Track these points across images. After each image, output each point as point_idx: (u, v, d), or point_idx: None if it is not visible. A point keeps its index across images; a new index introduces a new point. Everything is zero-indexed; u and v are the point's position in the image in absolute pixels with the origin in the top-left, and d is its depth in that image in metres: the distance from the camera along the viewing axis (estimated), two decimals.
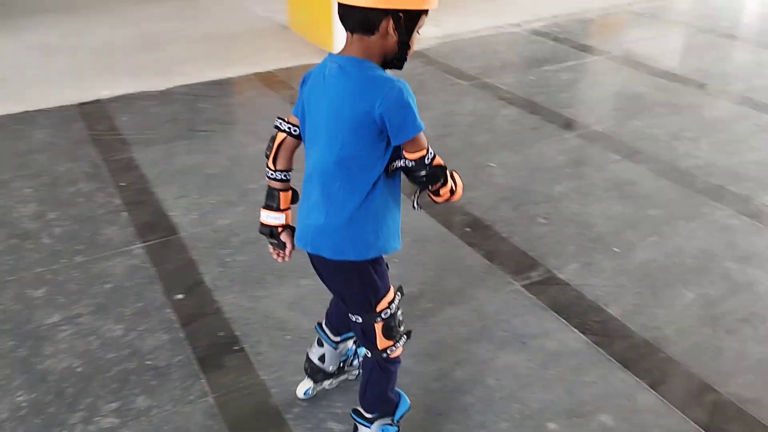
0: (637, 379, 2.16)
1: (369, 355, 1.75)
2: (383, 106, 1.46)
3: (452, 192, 1.63)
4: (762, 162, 3.57)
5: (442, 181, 1.58)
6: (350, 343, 2.07)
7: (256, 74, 4.96)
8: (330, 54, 1.57)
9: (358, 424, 1.83)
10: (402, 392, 1.88)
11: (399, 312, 1.72)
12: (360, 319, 1.69)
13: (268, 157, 1.71)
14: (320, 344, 2.02)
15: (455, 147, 3.81)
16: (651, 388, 2.13)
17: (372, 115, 1.47)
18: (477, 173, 3.49)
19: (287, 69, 5.03)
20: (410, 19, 1.51)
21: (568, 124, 4.09)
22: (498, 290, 2.60)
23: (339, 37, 5.23)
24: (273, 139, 1.70)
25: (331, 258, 1.61)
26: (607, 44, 5.59)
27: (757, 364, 2.23)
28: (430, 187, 1.59)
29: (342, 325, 1.95)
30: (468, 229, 3.03)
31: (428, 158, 1.54)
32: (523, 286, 2.62)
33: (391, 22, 1.48)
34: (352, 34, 1.51)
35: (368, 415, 1.81)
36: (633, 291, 2.59)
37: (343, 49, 1.55)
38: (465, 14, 6.30)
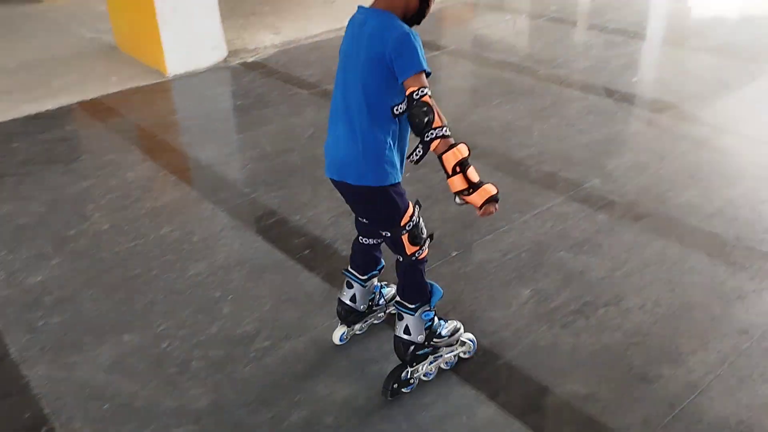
0: (477, 391, 2.12)
1: (401, 259, 2.01)
2: (390, 46, 1.69)
3: (471, 180, 1.70)
4: (590, 144, 3.70)
5: (436, 130, 1.68)
6: (375, 281, 2.29)
7: (80, 103, 4.58)
8: (359, 6, 1.83)
9: (402, 313, 2.05)
10: (434, 283, 2.08)
11: (420, 221, 1.96)
12: (389, 234, 1.96)
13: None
14: (350, 286, 2.24)
15: (296, 162, 3.67)
16: (490, 399, 2.09)
17: (384, 57, 1.70)
18: (317, 188, 3.36)
19: (115, 94, 4.68)
20: None
21: None
22: (335, 315, 2.49)
23: (170, 55, 5.00)
24: None
25: (356, 183, 1.86)
26: (446, 38, 5.65)
27: (590, 357, 2.25)
28: (424, 135, 1.69)
29: (367, 264, 2.21)
30: (307, 252, 2.90)
31: (417, 94, 1.69)
32: None
33: None
34: None
35: (411, 306, 2.04)
36: (471, 296, 2.56)
37: (372, 3, 1.80)
38: (304, 19, 6.17)
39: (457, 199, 1.75)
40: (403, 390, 2.10)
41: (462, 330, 2.19)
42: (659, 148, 3.63)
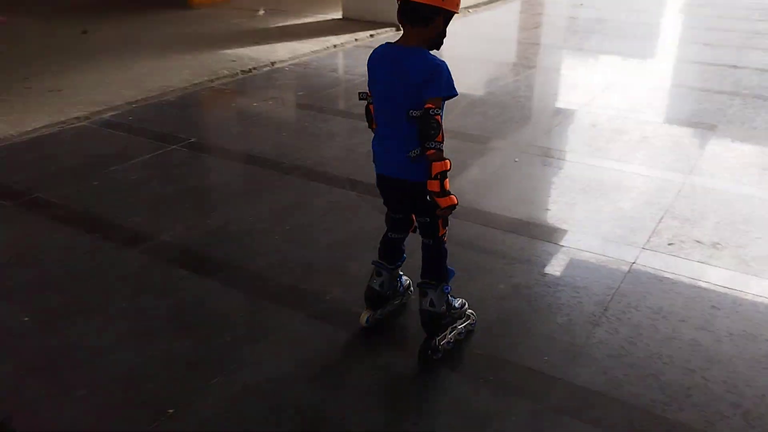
0: None
1: (431, 242, 2.54)
2: (428, 73, 2.23)
3: (444, 188, 2.26)
4: (332, 246, 3.49)
5: (436, 143, 2.22)
6: (399, 271, 2.79)
7: None
8: (388, 44, 2.36)
9: (427, 290, 2.54)
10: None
11: None
12: (429, 219, 2.48)
13: (369, 124, 2.54)
14: (379, 274, 2.71)
15: None
16: None
17: (421, 82, 2.23)
18: None
19: None
20: (449, 18, 2.27)
21: (132, 238, 3.54)
22: None
23: None
24: (367, 109, 2.49)
25: (416, 180, 2.33)
26: (187, 130, 5.23)
27: None
28: (426, 144, 2.23)
29: (395, 255, 2.72)
30: None
31: (433, 111, 2.21)
32: None
33: (442, 18, 2.25)
34: (411, 26, 2.25)
35: (434, 282, 2.54)
36: None
37: (402, 39, 2.32)
38: (22, 114, 5.36)
39: (428, 198, 2.30)
40: (434, 357, 2.58)
41: (467, 305, 2.77)
42: None
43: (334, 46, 8.22)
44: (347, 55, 7.91)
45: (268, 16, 9.89)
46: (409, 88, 2.25)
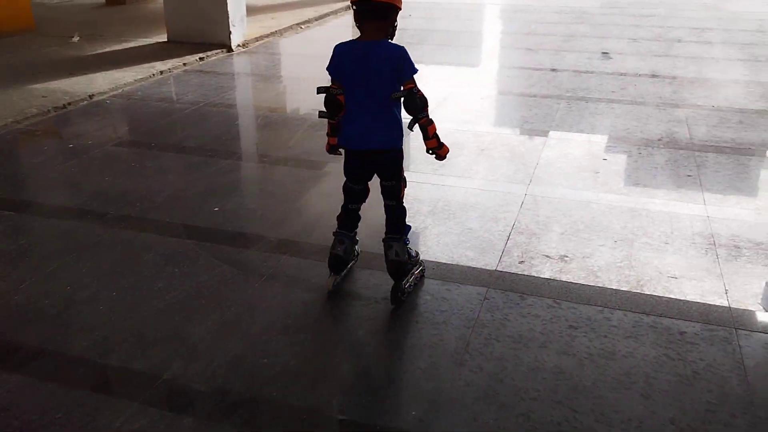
0: None
1: (394, 203, 3.08)
2: (399, 61, 2.78)
3: (439, 141, 2.94)
4: (169, 308, 3.09)
5: (425, 112, 2.85)
6: (355, 236, 3.25)
7: None
8: (352, 41, 2.86)
9: (392, 243, 3.06)
10: None
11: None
12: (393, 182, 3.03)
13: (332, 115, 2.94)
14: (342, 242, 3.13)
15: None
16: None
17: (395, 67, 2.78)
18: None
19: None
20: (398, 12, 2.84)
21: None
22: None
23: None
24: (334, 102, 2.88)
25: (391, 147, 2.95)
26: None
27: None
28: (418, 116, 2.84)
29: (353, 224, 3.20)
30: None
31: (415, 89, 2.81)
32: None
33: (395, 13, 2.82)
34: (373, 22, 2.79)
35: (398, 236, 3.08)
36: None
37: (365, 36, 2.84)
38: None
39: (429, 152, 2.94)
40: (402, 298, 3.07)
41: (419, 254, 3.35)
42: (247, 301, 3.21)
43: (161, 72, 7.66)
44: (176, 81, 7.39)
45: (84, 43, 9.04)
46: (386, 75, 2.79)
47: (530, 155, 5.04)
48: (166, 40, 9.22)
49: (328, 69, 2.89)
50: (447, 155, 2.97)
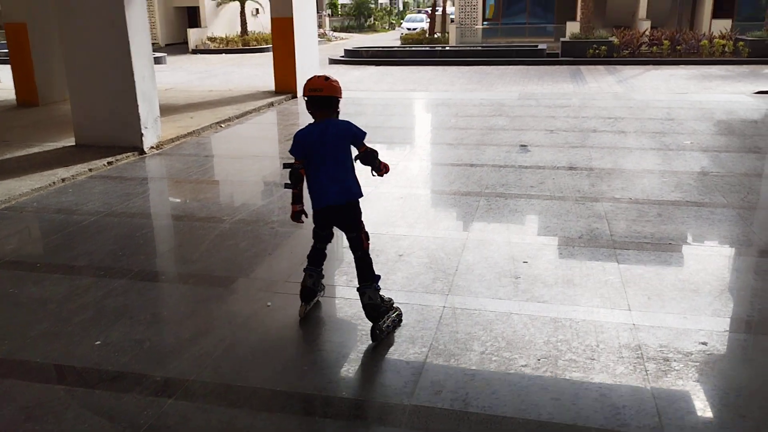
0: None
1: (360, 254, 3.63)
2: (352, 132, 3.60)
3: (386, 167, 3.73)
4: None
5: (378, 161, 3.66)
6: (322, 271, 3.91)
7: None
8: (311, 124, 3.62)
9: (365, 290, 3.61)
10: None
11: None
12: (355, 234, 3.63)
13: (295, 185, 3.61)
14: (311, 276, 3.82)
15: None
16: None
17: (349, 137, 3.60)
18: None
19: None
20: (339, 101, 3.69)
21: None
22: None
23: None
24: (297, 174, 3.59)
25: (350, 200, 3.61)
26: None
27: None
28: (377, 164, 3.66)
29: (320, 260, 3.85)
30: None
31: (369, 149, 3.64)
32: None
33: (338, 102, 3.66)
34: (325, 111, 3.63)
35: (369, 282, 3.61)
36: None
37: (318, 119, 3.63)
38: None
39: (375, 174, 3.72)
40: (381, 336, 3.60)
41: (393, 299, 3.87)
42: None
43: (63, 180, 7.20)
44: (78, 189, 6.92)
45: None
46: (341, 142, 3.58)
47: (450, 260, 4.78)
48: (73, 143, 8.81)
49: (291, 151, 3.61)
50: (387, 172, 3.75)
